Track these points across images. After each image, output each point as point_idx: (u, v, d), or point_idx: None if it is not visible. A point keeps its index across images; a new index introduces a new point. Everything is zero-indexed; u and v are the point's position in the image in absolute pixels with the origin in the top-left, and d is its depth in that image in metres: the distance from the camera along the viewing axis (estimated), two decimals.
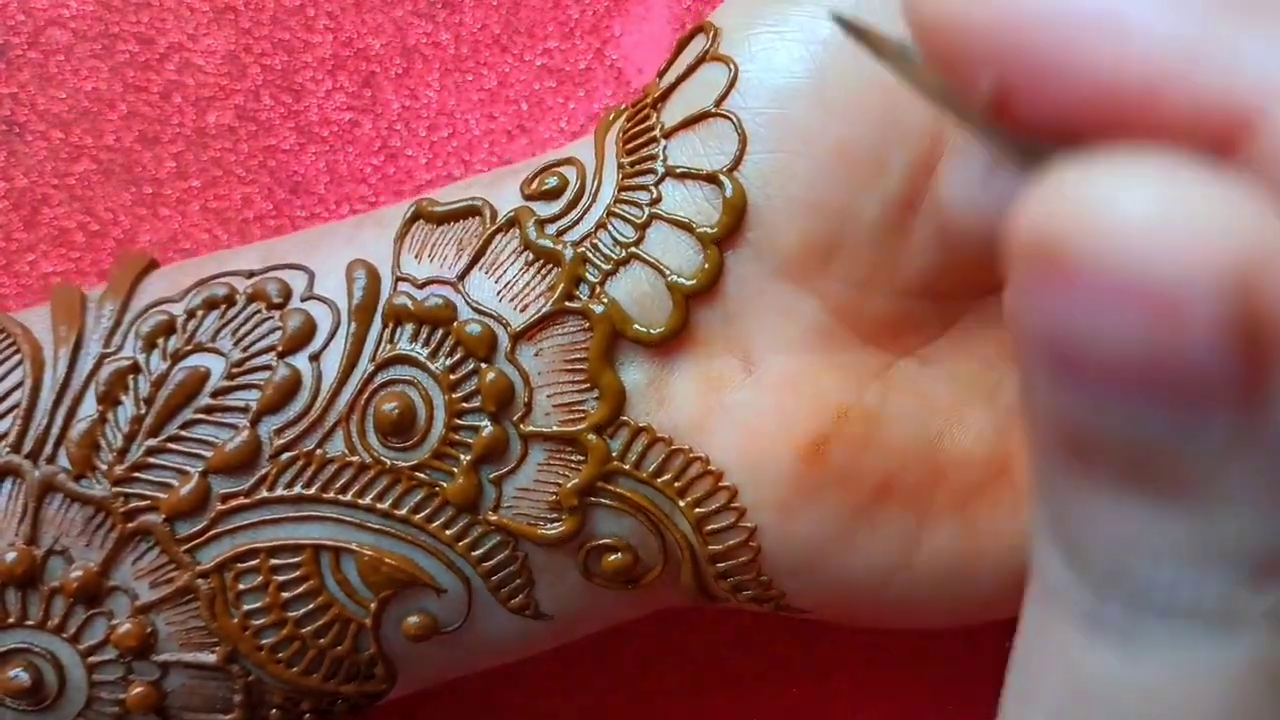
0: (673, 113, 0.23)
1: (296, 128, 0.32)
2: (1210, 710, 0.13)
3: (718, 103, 0.22)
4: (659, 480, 0.22)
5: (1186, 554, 0.13)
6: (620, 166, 0.23)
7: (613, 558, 0.23)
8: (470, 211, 0.23)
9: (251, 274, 0.24)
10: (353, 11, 0.33)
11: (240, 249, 0.25)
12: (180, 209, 0.32)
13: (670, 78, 0.23)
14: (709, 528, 0.22)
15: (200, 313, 0.23)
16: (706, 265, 0.22)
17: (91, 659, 0.22)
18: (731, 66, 0.22)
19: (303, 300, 0.23)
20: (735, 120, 0.22)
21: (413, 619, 0.23)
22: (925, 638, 0.31)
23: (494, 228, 0.23)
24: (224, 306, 0.23)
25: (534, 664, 0.31)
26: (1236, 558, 0.12)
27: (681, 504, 0.22)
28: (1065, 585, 0.14)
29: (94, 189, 0.32)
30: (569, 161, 0.24)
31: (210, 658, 0.22)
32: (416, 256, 0.23)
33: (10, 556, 0.22)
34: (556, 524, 0.22)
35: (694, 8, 0.34)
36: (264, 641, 0.22)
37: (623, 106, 0.25)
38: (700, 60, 0.23)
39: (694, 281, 0.22)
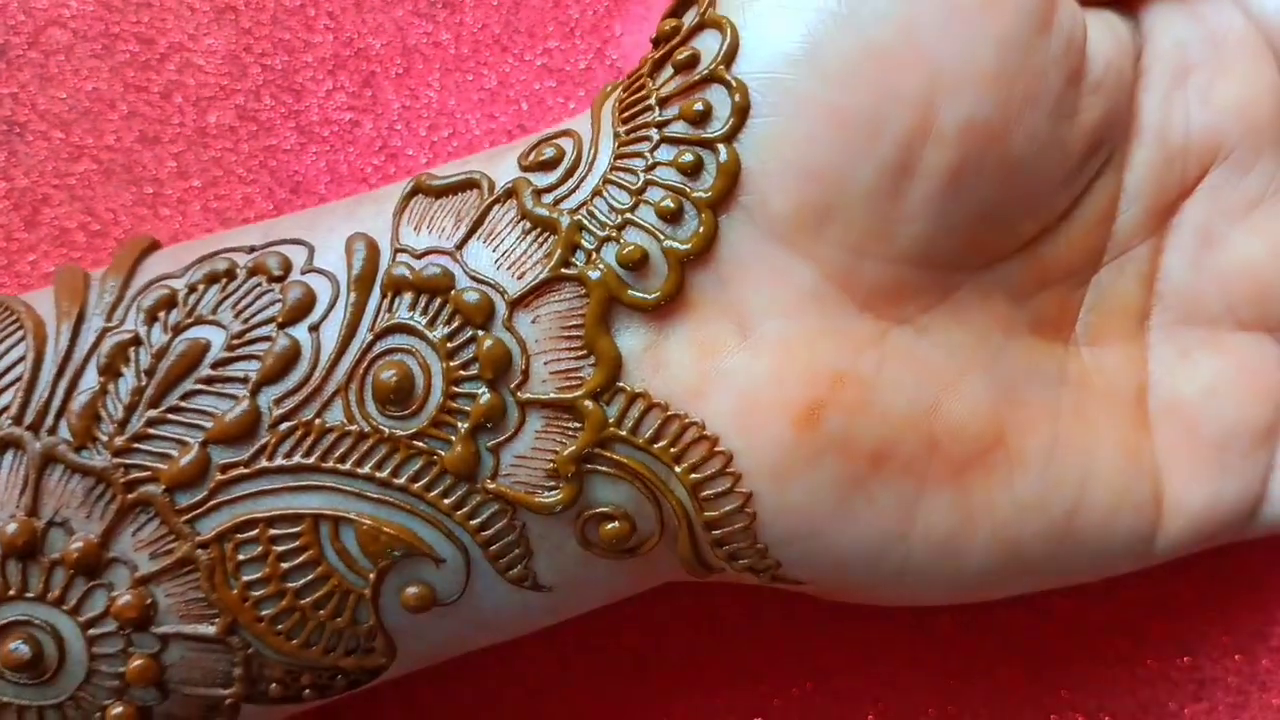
0: (667, 79, 0.23)
1: (297, 128, 0.33)
2: None
3: (713, 68, 0.22)
4: (655, 446, 0.22)
5: None
6: (616, 135, 0.23)
7: (610, 526, 0.23)
8: (468, 184, 0.24)
9: (252, 249, 0.24)
10: (353, 11, 0.33)
11: (241, 229, 0.26)
12: (180, 209, 0.32)
13: (664, 45, 0.24)
14: (705, 494, 0.23)
15: (201, 287, 0.23)
16: (701, 229, 0.22)
17: (91, 631, 0.22)
18: (727, 32, 0.22)
19: (303, 273, 0.23)
20: (730, 85, 0.22)
21: (411, 589, 0.23)
22: (924, 639, 0.31)
23: (491, 199, 0.23)
24: (225, 280, 0.23)
25: (531, 661, 0.30)
26: None
27: (678, 470, 0.22)
28: None
29: (94, 189, 0.32)
30: (566, 133, 0.24)
31: (210, 629, 0.22)
32: (415, 228, 0.23)
33: (11, 528, 0.22)
34: (554, 492, 0.22)
35: None
36: (264, 613, 0.22)
37: (621, 80, 0.25)
38: (696, 27, 0.23)
39: (689, 246, 0.22)
